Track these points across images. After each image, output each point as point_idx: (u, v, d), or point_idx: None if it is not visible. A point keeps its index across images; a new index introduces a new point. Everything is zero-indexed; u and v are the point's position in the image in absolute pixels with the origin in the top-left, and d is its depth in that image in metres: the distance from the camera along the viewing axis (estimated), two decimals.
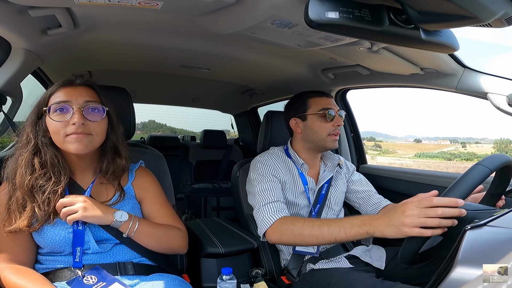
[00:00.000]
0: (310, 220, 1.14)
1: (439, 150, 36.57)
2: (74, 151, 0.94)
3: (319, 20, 0.70)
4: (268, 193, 1.28)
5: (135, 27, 1.28)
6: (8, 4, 0.93)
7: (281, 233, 1.16)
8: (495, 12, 0.68)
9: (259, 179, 1.33)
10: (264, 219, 1.22)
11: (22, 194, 0.92)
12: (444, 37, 0.84)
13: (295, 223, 1.14)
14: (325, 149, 1.42)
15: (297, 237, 1.12)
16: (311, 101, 1.41)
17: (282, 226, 1.17)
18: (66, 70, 1.81)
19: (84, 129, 0.93)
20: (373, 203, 1.47)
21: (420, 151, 35.12)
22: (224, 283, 1.14)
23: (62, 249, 0.95)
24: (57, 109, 0.94)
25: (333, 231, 1.04)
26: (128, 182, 1.10)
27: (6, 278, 0.87)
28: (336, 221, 1.05)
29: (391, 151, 34.63)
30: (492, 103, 1.25)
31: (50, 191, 0.92)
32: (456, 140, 42.15)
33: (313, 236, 1.08)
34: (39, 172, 0.93)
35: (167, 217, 1.12)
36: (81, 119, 0.93)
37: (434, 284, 0.64)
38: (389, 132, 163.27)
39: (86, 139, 0.94)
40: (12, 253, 0.92)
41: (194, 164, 3.23)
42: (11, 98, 1.31)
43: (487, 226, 0.68)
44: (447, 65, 1.33)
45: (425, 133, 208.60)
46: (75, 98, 0.95)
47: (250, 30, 1.09)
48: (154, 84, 2.43)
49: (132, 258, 1.03)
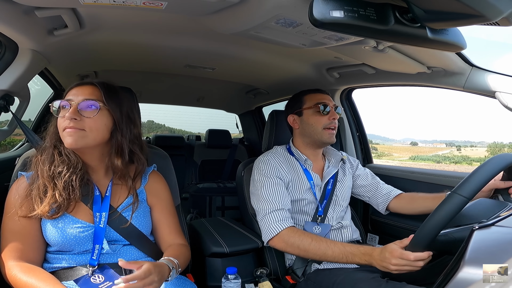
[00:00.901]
0: (318, 240, 1.20)
1: (434, 153, 36.59)
2: (67, 145, 0.97)
3: (323, 19, 0.69)
4: (272, 199, 1.29)
5: (140, 27, 1.29)
6: (15, 5, 0.94)
7: (286, 244, 1.24)
8: (502, 10, 0.67)
9: (263, 181, 1.34)
10: (270, 227, 1.26)
11: (43, 181, 0.96)
12: (451, 35, 0.83)
13: (302, 239, 1.20)
14: (323, 143, 1.43)
15: (301, 252, 1.21)
16: (306, 97, 1.45)
17: (290, 239, 1.23)
18: (72, 70, 1.82)
19: (76, 124, 0.95)
20: (382, 194, 1.51)
21: (415, 154, 35.32)
22: (229, 283, 1.14)
23: (71, 248, 0.96)
24: (60, 106, 0.99)
25: (336, 257, 1.16)
26: (141, 186, 1.11)
27: (16, 276, 0.88)
28: (340, 248, 1.17)
29: (386, 153, 34.49)
30: (500, 102, 1.23)
31: (70, 177, 0.96)
32: (453, 143, 42.01)
33: (316, 255, 1.19)
34: (57, 160, 0.98)
35: (174, 229, 1.14)
36: (72, 114, 0.95)
37: (442, 283, 0.63)
38: (387, 135, 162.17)
39: (77, 134, 0.96)
40: (22, 251, 0.93)
41: (199, 164, 3.24)
42: (19, 98, 1.33)
43: (494, 226, 0.68)
44: (455, 64, 1.31)
45: (423, 136, 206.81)
46: (76, 96, 0.99)
47: (254, 30, 1.08)
48: (159, 84, 2.43)
49: (139, 258, 1.04)
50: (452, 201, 0.86)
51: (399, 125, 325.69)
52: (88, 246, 0.97)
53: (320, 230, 1.33)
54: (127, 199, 1.06)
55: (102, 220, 0.99)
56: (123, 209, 1.03)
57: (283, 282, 1.35)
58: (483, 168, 0.90)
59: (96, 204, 1.00)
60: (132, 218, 1.03)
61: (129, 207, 1.04)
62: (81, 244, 0.96)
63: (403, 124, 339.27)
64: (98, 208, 1.00)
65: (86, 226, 0.97)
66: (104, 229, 0.98)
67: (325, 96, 1.45)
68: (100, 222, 0.98)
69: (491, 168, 0.89)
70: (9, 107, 1.26)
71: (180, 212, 1.36)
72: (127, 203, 1.05)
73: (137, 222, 1.04)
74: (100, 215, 0.99)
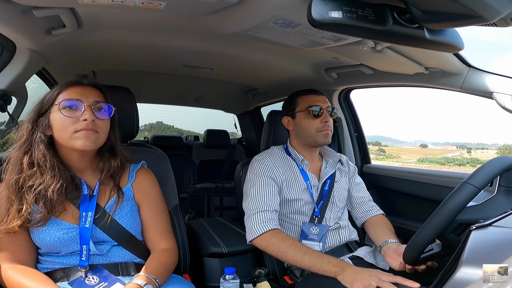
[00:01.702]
0: (298, 245, 1.20)
1: (443, 155, 36.17)
2: (81, 147, 0.94)
3: (322, 19, 0.69)
4: (260, 199, 1.29)
5: (138, 27, 1.28)
6: (13, 5, 0.93)
7: (266, 244, 1.23)
8: (500, 11, 0.67)
9: (254, 180, 1.34)
10: (254, 227, 1.25)
11: (10, 194, 0.92)
12: (448, 36, 0.83)
13: (284, 241, 1.21)
14: (318, 144, 1.42)
15: (279, 253, 1.21)
16: (299, 99, 1.44)
17: (271, 239, 1.22)
18: (70, 70, 1.82)
19: (93, 126, 0.95)
20: (364, 210, 1.52)
21: (424, 156, 34.98)
22: (227, 283, 1.14)
23: (58, 250, 0.95)
24: (68, 106, 0.95)
25: (311, 262, 1.15)
26: (128, 183, 1.10)
27: (10, 277, 0.87)
28: (318, 255, 1.16)
29: (395, 156, 34.32)
30: (497, 103, 1.24)
31: (40, 191, 0.91)
32: (465, 145, 41.43)
33: (294, 259, 1.18)
34: (26, 172, 0.92)
35: (161, 229, 1.10)
36: (92, 116, 0.95)
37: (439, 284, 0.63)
38: (398, 137, 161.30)
39: (94, 136, 0.96)
40: (13, 253, 0.92)
41: (198, 164, 3.23)
42: (16, 98, 1.32)
43: (492, 226, 0.68)
44: (452, 65, 1.32)
45: (435, 139, 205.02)
46: (85, 97, 0.97)
47: (253, 30, 1.08)
48: (158, 84, 2.43)
49: (128, 259, 1.03)
50: (463, 191, 0.84)
51: (411, 127, 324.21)
52: (75, 247, 0.96)
53: (318, 231, 1.34)
54: (112, 199, 1.04)
55: (88, 220, 0.96)
56: (110, 208, 1.02)
57: (282, 282, 1.35)
58: (494, 160, 0.90)
59: (83, 203, 0.98)
60: (119, 218, 1.01)
61: (114, 206, 1.02)
62: (66, 246, 0.95)
63: (414, 126, 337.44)
64: (85, 208, 0.98)
65: (70, 228, 0.95)
66: (89, 229, 0.96)
67: (318, 97, 1.43)
68: (86, 222, 0.96)
69: (502, 161, 0.89)
70: (6, 107, 1.26)
71: (178, 212, 1.36)
72: (113, 203, 1.03)
73: (124, 221, 1.02)
74: (86, 215, 0.97)
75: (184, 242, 1.33)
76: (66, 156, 1.00)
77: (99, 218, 0.99)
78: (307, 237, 1.33)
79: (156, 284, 0.92)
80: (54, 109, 0.96)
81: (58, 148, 0.99)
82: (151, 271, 0.95)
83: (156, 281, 0.93)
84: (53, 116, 0.96)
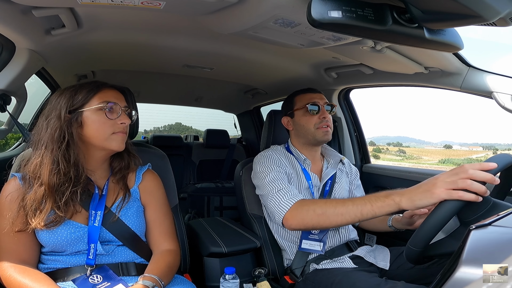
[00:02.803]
0: (331, 200, 1.16)
1: (467, 156, 34.98)
2: (117, 148, 1.02)
3: (322, 19, 0.69)
4: (278, 182, 1.28)
5: (138, 27, 1.28)
6: (12, 5, 0.93)
7: (302, 215, 1.13)
8: (500, 11, 0.67)
9: (267, 171, 1.33)
10: (281, 204, 1.20)
11: (44, 194, 0.91)
12: (448, 36, 0.84)
13: (316, 202, 1.13)
14: (318, 142, 1.43)
15: (320, 217, 1.07)
16: (297, 98, 1.46)
17: (303, 208, 1.14)
18: (70, 70, 1.82)
19: (126, 129, 1.03)
20: None
21: (447, 157, 34.07)
22: (227, 283, 1.14)
23: (63, 249, 0.96)
24: (107, 108, 0.99)
25: (358, 205, 0.99)
26: (134, 185, 1.11)
27: (10, 277, 0.87)
28: (359, 198, 1.03)
29: (415, 157, 33.29)
30: (497, 102, 1.24)
31: (70, 192, 0.94)
32: (493, 146, 40.18)
33: (338, 213, 1.03)
34: (63, 170, 0.93)
35: (165, 231, 1.12)
36: (129, 120, 1.04)
37: (439, 283, 0.63)
38: (423, 138, 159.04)
39: (125, 138, 1.04)
40: (16, 252, 0.92)
41: (197, 164, 3.23)
42: (16, 98, 1.32)
43: (492, 226, 0.68)
44: (452, 64, 1.32)
45: (463, 139, 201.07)
46: (119, 101, 1.03)
47: (252, 30, 1.08)
48: (157, 83, 2.43)
49: (134, 259, 1.04)
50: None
51: (437, 127, 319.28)
52: (81, 247, 0.96)
53: (319, 231, 1.34)
54: (120, 199, 1.05)
55: (97, 219, 0.98)
56: (116, 208, 1.03)
57: (282, 282, 1.35)
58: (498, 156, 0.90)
59: (93, 202, 1.00)
60: (126, 218, 1.02)
61: (121, 205, 1.04)
62: (73, 245, 0.95)
63: (441, 127, 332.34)
64: (94, 206, 0.99)
65: (78, 227, 0.96)
66: (98, 228, 0.97)
67: (315, 95, 1.44)
68: (95, 221, 0.98)
69: (505, 158, 0.90)
70: (6, 107, 1.26)
71: (178, 212, 1.36)
72: (119, 202, 1.04)
73: (130, 221, 1.03)
74: (95, 214, 0.98)
75: (184, 242, 1.33)
76: (86, 155, 1.01)
77: (106, 217, 1.00)
78: (308, 237, 1.33)
79: (161, 285, 0.93)
80: (89, 109, 0.98)
81: (79, 146, 0.99)
82: (157, 273, 0.96)
83: (161, 283, 0.94)
84: (89, 115, 0.98)
